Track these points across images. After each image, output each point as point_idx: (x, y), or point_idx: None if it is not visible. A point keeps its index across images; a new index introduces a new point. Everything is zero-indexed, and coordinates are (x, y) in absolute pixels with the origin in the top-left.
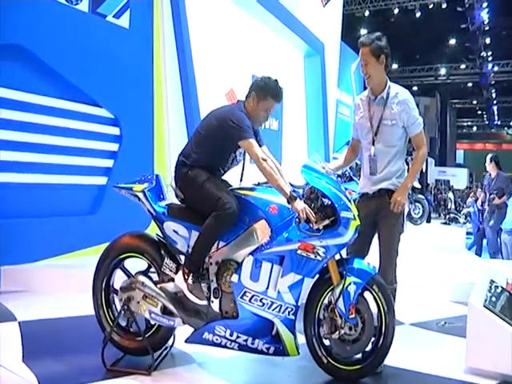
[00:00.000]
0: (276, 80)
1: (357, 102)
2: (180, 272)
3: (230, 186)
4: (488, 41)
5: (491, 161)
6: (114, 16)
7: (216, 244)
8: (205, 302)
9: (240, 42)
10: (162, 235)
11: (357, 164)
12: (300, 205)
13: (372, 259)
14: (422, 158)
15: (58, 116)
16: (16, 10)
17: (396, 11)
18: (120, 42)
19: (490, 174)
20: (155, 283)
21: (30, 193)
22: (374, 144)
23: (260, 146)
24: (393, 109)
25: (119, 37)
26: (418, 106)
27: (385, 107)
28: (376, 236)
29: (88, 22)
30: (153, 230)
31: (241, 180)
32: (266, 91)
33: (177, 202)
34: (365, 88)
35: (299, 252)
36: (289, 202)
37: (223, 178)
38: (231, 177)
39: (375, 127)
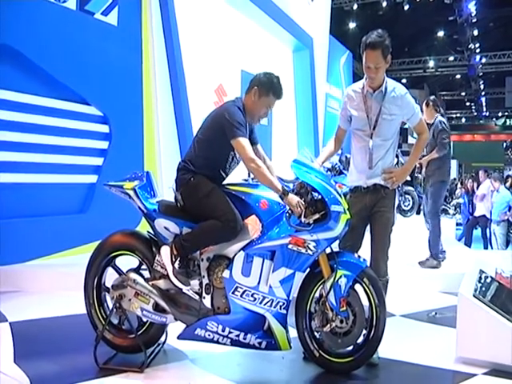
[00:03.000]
0: (278, 77)
1: (349, 93)
2: (167, 248)
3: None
4: (476, 33)
5: (427, 105)
6: (102, 13)
7: None
8: (187, 288)
9: (229, 37)
10: (153, 232)
11: (346, 157)
12: (294, 199)
13: (362, 252)
14: (424, 142)
15: (46, 115)
16: (2, 10)
17: (384, 4)
18: (108, 39)
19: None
20: (147, 280)
21: (20, 192)
22: (371, 137)
23: (255, 143)
24: (392, 104)
25: (108, 34)
26: None
27: (383, 101)
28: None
29: (76, 20)
30: (143, 228)
31: (249, 175)
32: (269, 88)
33: (167, 198)
34: (354, 80)
35: (290, 246)
36: (282, 198)
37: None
38: (237, 171)
39: (373, 121)
